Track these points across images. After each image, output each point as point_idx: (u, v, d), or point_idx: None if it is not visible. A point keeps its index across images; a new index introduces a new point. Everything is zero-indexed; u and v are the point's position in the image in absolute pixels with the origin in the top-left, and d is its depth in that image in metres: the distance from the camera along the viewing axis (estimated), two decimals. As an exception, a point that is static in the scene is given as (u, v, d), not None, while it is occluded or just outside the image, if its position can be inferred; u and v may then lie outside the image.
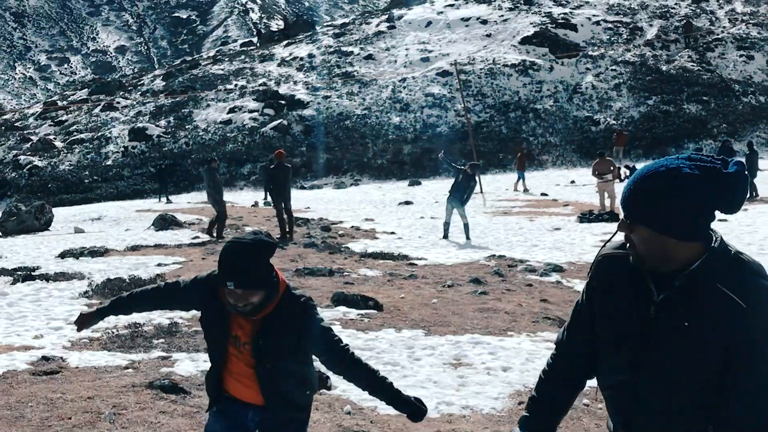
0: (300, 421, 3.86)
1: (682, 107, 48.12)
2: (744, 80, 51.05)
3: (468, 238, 18.42)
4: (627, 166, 35.13)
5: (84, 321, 4.06)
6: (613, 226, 20.23)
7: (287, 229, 18.99)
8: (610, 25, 58.30)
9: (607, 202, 22.96)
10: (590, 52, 54.49)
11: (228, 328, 3.64)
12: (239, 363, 3.71)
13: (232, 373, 3.74)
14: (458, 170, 18.95)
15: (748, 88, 50.18)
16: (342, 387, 7.42)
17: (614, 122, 46.34)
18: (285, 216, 19.08)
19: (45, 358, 8.17)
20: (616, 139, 39.05)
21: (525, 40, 55.92)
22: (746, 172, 2.41)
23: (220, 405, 3.82)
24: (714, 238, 2.51)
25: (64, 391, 6.95)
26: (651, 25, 58.33)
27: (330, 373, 7.67)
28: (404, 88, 51.90)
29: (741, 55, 53.23)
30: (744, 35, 55.37)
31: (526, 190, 32.38)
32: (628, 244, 2.57)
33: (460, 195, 18.49)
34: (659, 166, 2.45)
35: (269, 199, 24.52)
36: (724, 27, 57.15)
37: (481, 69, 52.90)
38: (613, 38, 56.91)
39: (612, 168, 23.59)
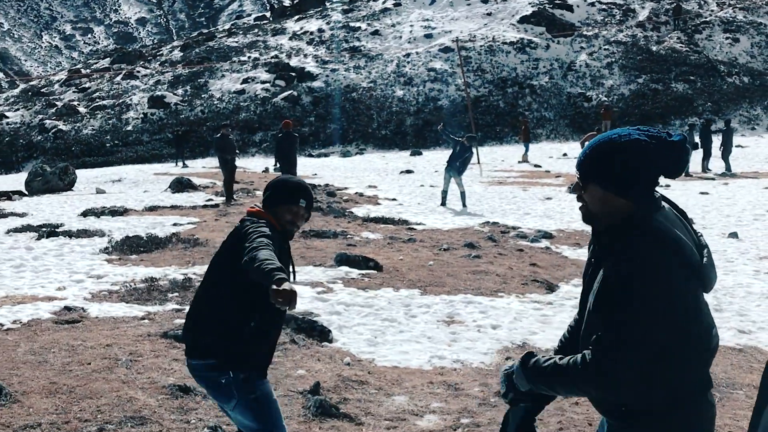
0: None
1: (670, 86, 47.84)
2: (729, 61, 50.66)
3: (464, 205, 18.44)
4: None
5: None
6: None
7: None
8: (604, 7, 57.79)
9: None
10: (585, 32, 54.06)
11: (290, 262, 3.82)
12: None
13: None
14: (456, 142, 18.94)
15: (733, 69, 49.82)
16: (342, 340, 7.50)
17: (606, 99, 46.09)
18: None
19: (67, 308, 8.26)
20: (603, 114, 38.86)
21: (523, 19, 55.45)
22: (688, 144, 2.52)
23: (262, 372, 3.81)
24: (651, 203, 2.54)
25: (85, 338, 7.03)
26: (643, 8, 57.81)
27: (332, 326, 7.76)
28: (408, 62, 51.59)
29: (727, 38, 52.77)
30: (731, 18, 54.87)
31: (520, 161, 32.19)
32: (581, 205, 2.64)
33: (457, 165, 18.50)
34: (613, 134, 2.57)
35: (279, 165, 24.55)
36: (711, 10, 56.64)
37: (481, 46, 52.53)
38: (606, 19, 56.43)
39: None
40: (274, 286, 3.09)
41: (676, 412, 2.51)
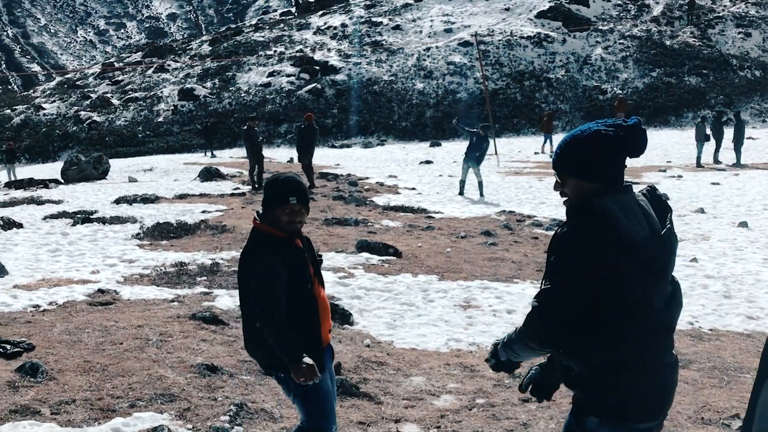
0: None
1: (683, 79, 47.39)
2: (741, 56, 50.09)
3: (481, 194, 18.40)
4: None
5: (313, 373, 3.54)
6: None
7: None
8: (619, 2, 57.23)
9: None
10: (600, 27, 53.62)
11: (307, 263, 3.76)
12: (321, 294, 3.82)
13: (322, 317, 3.80)
14: (472, 133, 18.92)
15: (745, 63, 49.25)
16: (362, 323, 7.53)
17: (620, 92, 45.74)
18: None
19: (101, 291, 8.34)
20: (616, 107, 38.35)
21: (540, 14, 55.07)
22: (643, 126, 2.75)
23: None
24: (614, 185, 2.72)
25: (117, 319, 7.11)
26: (657, 3, 57.18)
27: (353, 310, 7.80)
28: (428, 56, 51.42)
29: (739, 32, 52.15)
30: (743, 14, 54.21)
31: (537, 153, 31.95)
32: (565, 199, 2.83)
33: (474, 155, 18.48)
34: (577, 131, 2.81)
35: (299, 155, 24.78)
36: (724, 6, 55.93)
37: (499, 40, 52.26)
38: (621, 14, 55.92)
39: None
40: (294, 370, 3.48)
41: (613, 381, 2.65)
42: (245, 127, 20.62)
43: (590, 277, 2.58)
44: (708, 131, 26.57)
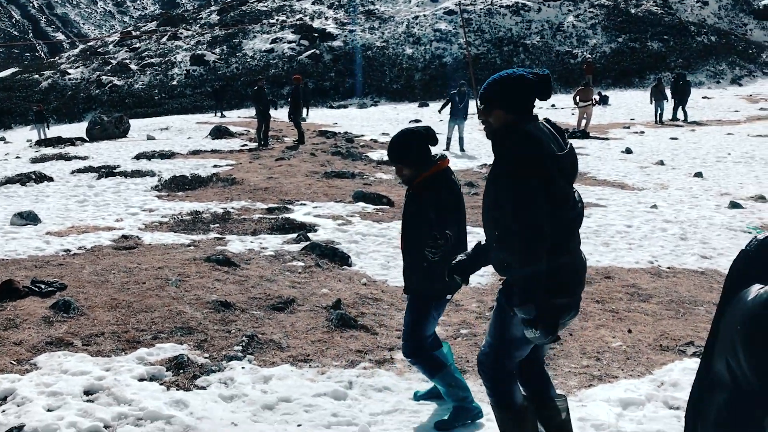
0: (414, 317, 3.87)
1: (646, 44, 46.91)
2: (699, 23, 49.54)
3: (462, 149, 18.34)
4: (599, 93, 34.72)
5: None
6: (583, 141, 20.07)
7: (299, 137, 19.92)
8: (589, -26, 56.29)
9: (583, 123, 22.58)
10: (572, -3, 52.83)
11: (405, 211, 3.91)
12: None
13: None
14: (455, 95, 18.81)
15: (702, 29, 48.73)
16: (359, 264, 7.55)
17: (589, 56, 45.24)
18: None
19: (124, 237, 8.33)
20: (585, 69, 37.88)
21: (518, -14, 54.17)
22: (549, 76, 3.16)
23: None
24: (529, 116, 3.09)
25: (140, 262, 7.11)
26: (624, -25, 56.29)
27: (351, 253, 7.80)
28: (416, 24, 50.71)
29: (698, 1, 51.49)
30: (702, -16, 53.43)
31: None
32: (485, 126, 3.17)
33: (462, 113, 18.46)
34: (504, 73, 3.13)
35: (304, 114, 24.68)
36: (685, -23, 55.11)
37: (480, 9, 51.50)
38: (591, -15, 55.04)
39: (592, 96, 23.12)
40: None
41: (532, 268, 2.90)
42: (255, 87, 20.41)
43: (540, 188, 2.86)
44: (667, 91, 26.41)
